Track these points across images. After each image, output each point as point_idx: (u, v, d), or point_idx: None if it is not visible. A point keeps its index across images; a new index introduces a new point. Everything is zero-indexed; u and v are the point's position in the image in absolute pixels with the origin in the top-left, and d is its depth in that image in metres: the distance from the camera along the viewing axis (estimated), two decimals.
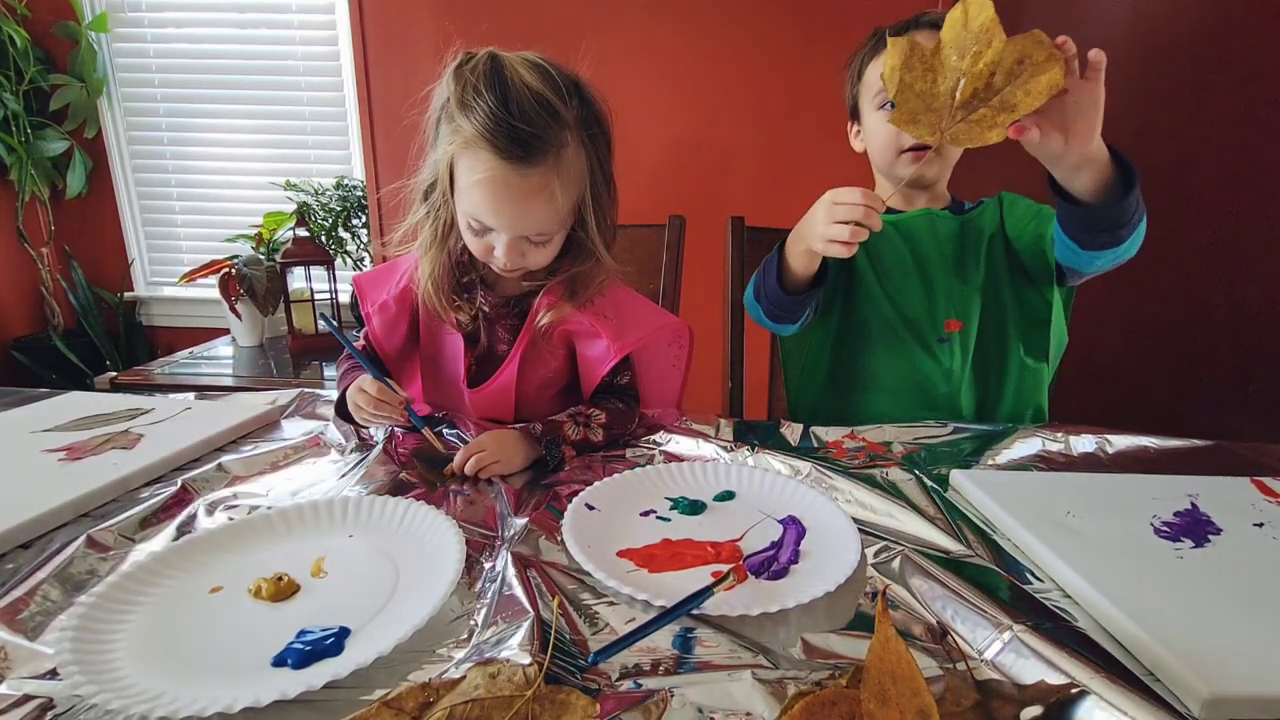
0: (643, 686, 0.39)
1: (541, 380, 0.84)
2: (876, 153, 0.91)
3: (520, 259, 0.73)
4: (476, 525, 0.58)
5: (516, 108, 0.65)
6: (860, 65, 0.92)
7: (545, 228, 0.72)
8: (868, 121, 0.92)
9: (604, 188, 0.76)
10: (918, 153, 0.86)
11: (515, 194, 0.68)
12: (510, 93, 0.65)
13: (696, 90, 1.62)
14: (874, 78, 0.88)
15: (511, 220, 0.70)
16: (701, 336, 0.96)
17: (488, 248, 0.73)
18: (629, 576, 0.50)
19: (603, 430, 0.77)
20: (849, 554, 0.51)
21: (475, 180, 0.68)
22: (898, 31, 0.85)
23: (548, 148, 0.67)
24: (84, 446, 0.70)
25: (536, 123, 0.66)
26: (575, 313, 0.79)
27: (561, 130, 0.68)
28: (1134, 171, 0.67)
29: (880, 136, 0.89)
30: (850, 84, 0.95)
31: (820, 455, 0.73)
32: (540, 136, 0.66)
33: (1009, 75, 0.57)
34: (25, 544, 0.54)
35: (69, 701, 0.37)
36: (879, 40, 0.89)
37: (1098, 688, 0.37)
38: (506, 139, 0.65)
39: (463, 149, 0.68)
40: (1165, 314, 1.52)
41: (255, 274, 1.77)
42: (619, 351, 0.79)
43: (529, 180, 0.67)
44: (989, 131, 0.59)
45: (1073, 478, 0.66)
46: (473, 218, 0.71)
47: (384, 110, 1.66)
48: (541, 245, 0.74)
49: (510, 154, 0.66)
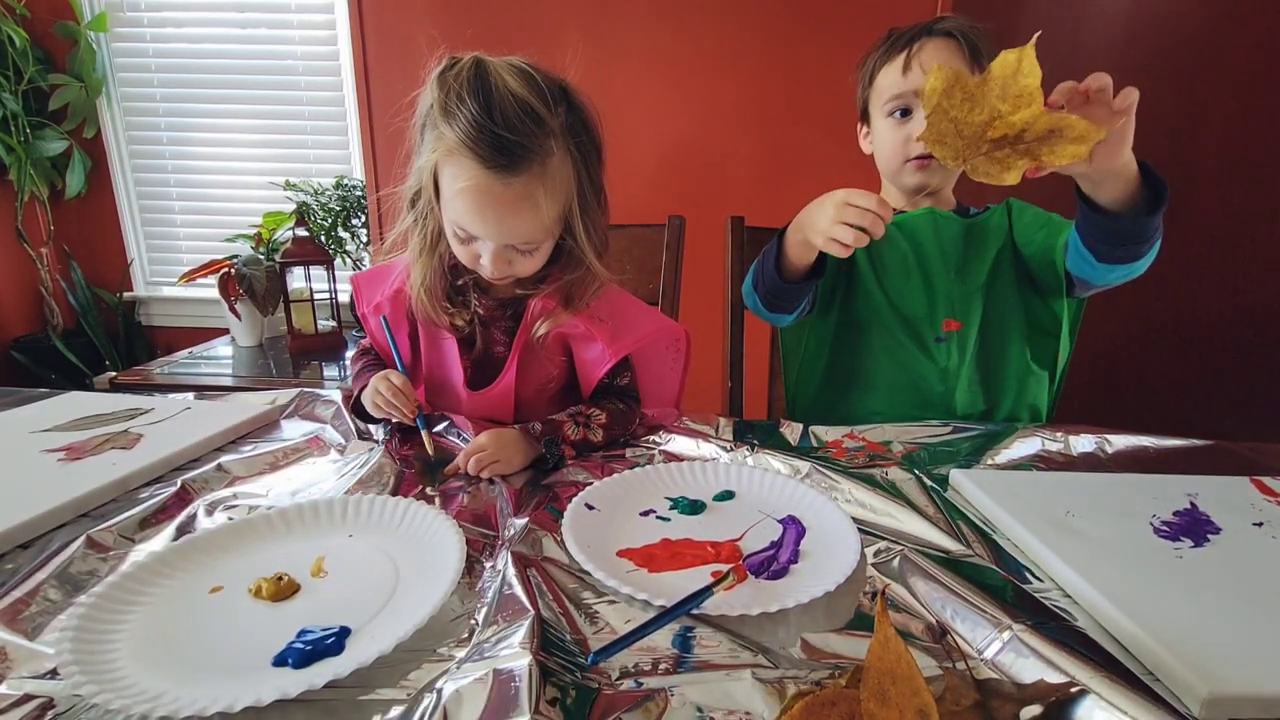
0: (643, 686, 0.39)
1: (540, 383, 0.84)
2: (883, 158, 0.91)
3: (507, 267, 0.73)
4: (476, 525, 0.58)
5: (500, 115, 0.64)
6: (873, 69, 0.91)
7: (531, 237, 0.71)
8: (877, 126, 0.91)
9: (592, 196, 0.75)
10: (923, 161, 0.86)
11: (499, 203, 0.67)
12: (494, 99, 0.64)
13: (696, 90, 1.62)
14: (886, 83, 0.88)
15: (497, 229, 0.69)
16: (701, 336, 0.96)
17: (474, 255, 0.73)
18: (629, 576, 0.50)
19: (602, 430, 0.77)
20: (849, 554, 0.51)
21: (459, 189, 0.67)
22: (913, 36, 0.85)
23: (532, 156, 0.66)
24: (83, 446, 0.70)
25: (520, 130, 0.65)
26: (571, 317, 0.78)
27: (546, 138, 0.67)
28: (1164, 189, 0.66)
29: (889, 143, 0.89)
30: (862, 87, 0.94)
31: (820, 455, 0.73)
32: (524, 145, 0.65)
33: (1040, 138, 0.58)
34: (25, 544, 0.54)
35: (69, 701, 0.37)
36: (892, 44, 0.88)
37: (1097, 687, 0.38)
38: (489, 147, 0.64)
39: (446, 157, 0.68)
40: (1165, 314, 1.52)
41: (255, 274, 1.77)
42: (615, 355, 0.79)
43: (512, 189, 0.66)
44: (1007, 172, 0.60)
45: (1072, 478, 0.67)
46: (458, 226, 0.70)
47: (384, 110, 1.66)
48: (529, 254, 0.73)
49: (493, 162, 0.65)
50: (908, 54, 0.84)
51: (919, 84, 0.82)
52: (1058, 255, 0.83)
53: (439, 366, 0.85)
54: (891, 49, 0.87)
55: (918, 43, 0.84)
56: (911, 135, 0.85)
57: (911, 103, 0.85)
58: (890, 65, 0.87)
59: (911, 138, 0.85)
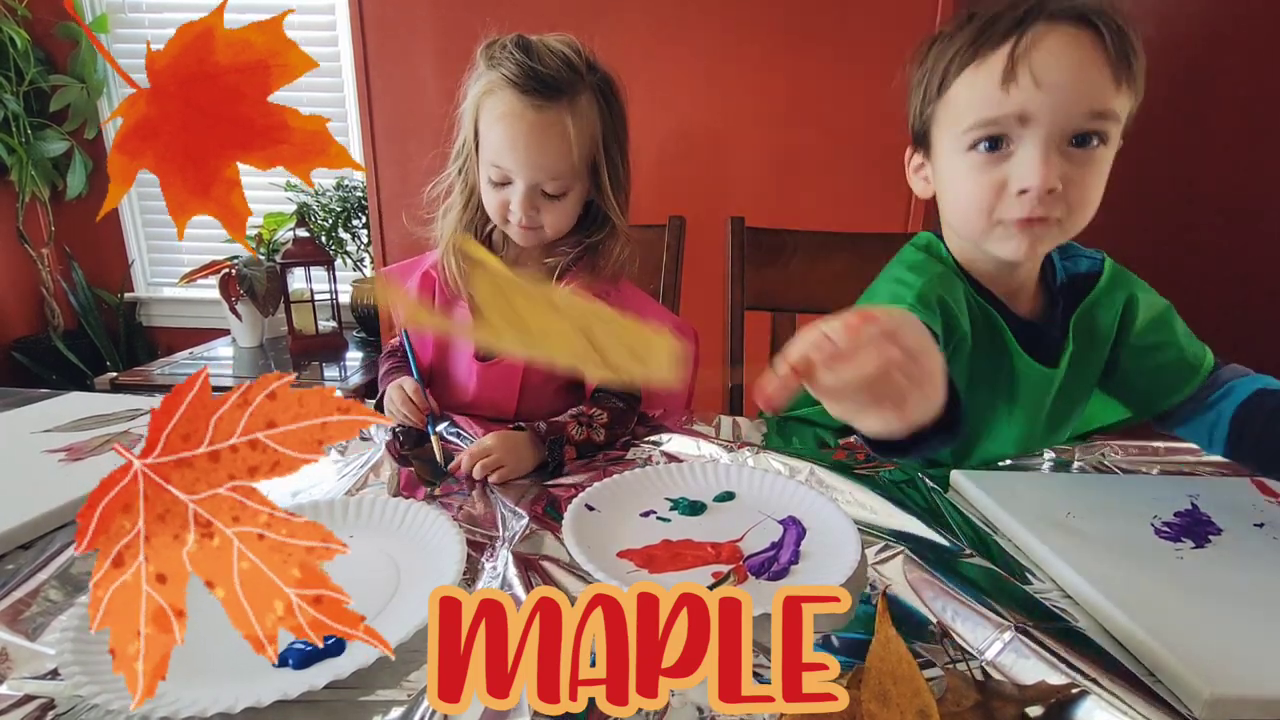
0: None
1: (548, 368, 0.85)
2: (961, 210, 0.64)
3: (535, 215, 0.77)
4: (476, 525, 0.58)
5: (537, 57, 0.72)
6: (945, 71, 0.62)
7: (558, 171, 0.76)
8: (948, 161, 0.64)
9: (617, 152, 0.81)
10: (1029, 223, 0.59)
11: (531, 128, 0.73)
12: (534, 50, 0.73)
13: (696, 91, 1.62)
14: (971, 97, 0.60)
15: (526, 158, 0.74)
16: (701, 336, 0.96)
17: (504, 203, 0.77)
18: (629, 577, 0.50)
19: (605, 431, 0.77)
20: (849, 554, 0.51)
21: (496, 117, 0.74)
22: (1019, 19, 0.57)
23: (563, 89, 0.73)
24: (84, 447, 0.70)
25: (554, 67, 0.73)
26: (594, 282, 0.81)
27: (578, 80, 0.75)
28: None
29: (971, 190, 0.61)
30: (918, 95, 0.66)
31: (820, 456, 0.73)
32: (556, 78, 0.73)
33: None
34: (26, 545, 0.54)
35: (70, 701, 0.37)
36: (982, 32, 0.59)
37: (1098, 688, 0.38)
38: (526, 77, 0.72)
39: (486, 95, 0.75)
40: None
41: (255, 274, 1.77)
42: None
43: (545, 115, 0.73)
44: None
45: (1073, 478, 0.66)
46: (493, 164, 0.76)
47: (384, 110, 1.66)
48: (556, 200, 0.78)
49: (528, 88, 0.72)
50: (1012, 53, 0.57)
51: (1032, 104, 0.57)
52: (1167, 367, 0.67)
53: (453, 341, 0.87)
54: (982, 42, 0.59)
55: (1029, 32, 0.56)
56: (1012, 180, 0.59)
57: (1011, 130, 0.58)
58: (980, 68, 0.59)
59: (1015, 184, 0.59)
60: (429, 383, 0.84)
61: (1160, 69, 0.91)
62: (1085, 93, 0.56)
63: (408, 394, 0.77)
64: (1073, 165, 0.58)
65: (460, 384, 0.87)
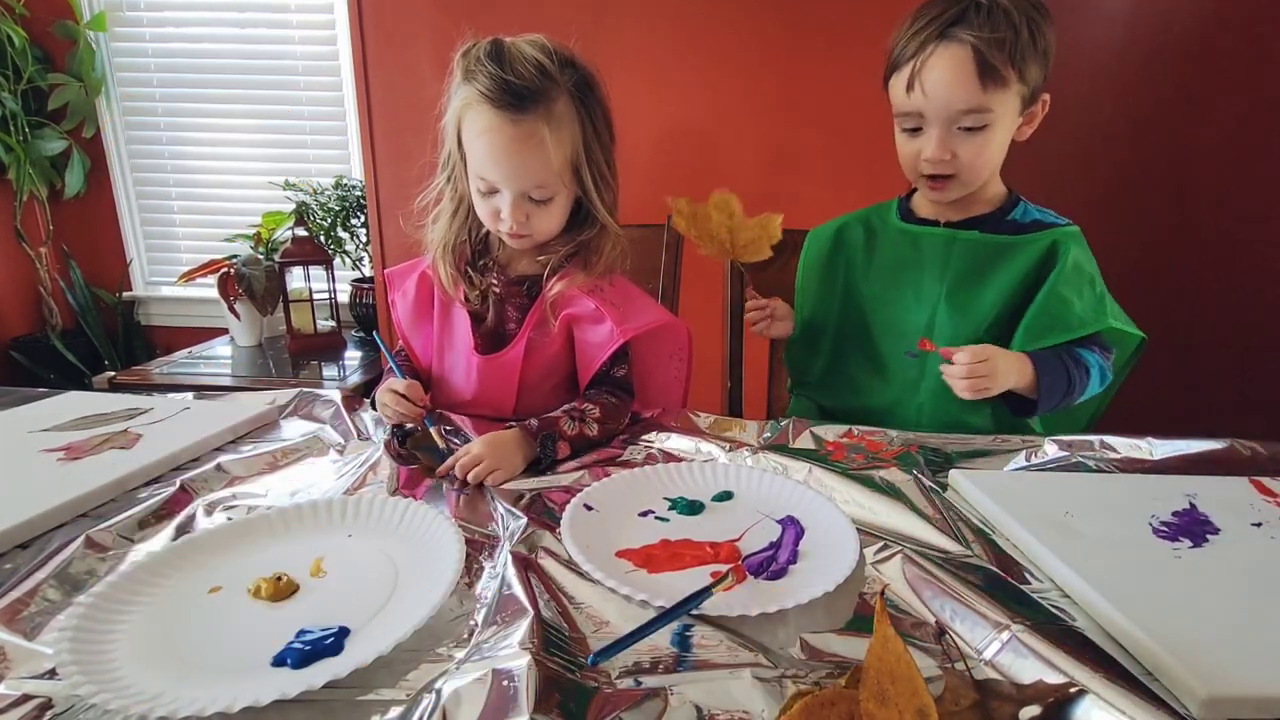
0: (642, 685, 0.39)
1: (546, 363, 0.86)
2: (902, 166, 0.88)
3: (526, 222, 0.78)
4: (476, 525, 0.58)
5: (510, 68, 0.73)
6: (887, 69, 0.85)
7: (541, 179, 0.76)
8: (897, 134, 0.86)
9: (599, 151, 0.80)
10: (936, 182, 0.83)
11: (510, 141, 0.74)
12: (506, 59, 0.73)
13: (694, 90, 1.62)
14: (894, 94, 0.83)
15: (509, 170, 0.75)
16: (701, 336, 0.96)
17: (495, 211, 0.79)
18: (628, 577, 0.50)
19: (598, 425, 0.77)
20: (848, 554, 0.51)
21: (476, 133, 0.75)
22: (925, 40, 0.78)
23: (538, 98, 0.73)
24: (82, 446, 0.70)
25: (527, 77, 0.73)
26: (583, 296, 0.82)
27: (552, 86, 0.74)
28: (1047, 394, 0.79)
29: (903, 155, 0.85)
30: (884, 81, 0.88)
31: (819, 456, 0.73)
32: (530, 88, 0.73)
33: None
34: (24, 544, 0.54)
35: (68, 701, 0.37)
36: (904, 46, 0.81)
37: (1096, 687, 0.38)
38: (500, 92, 0.72)
39: (465, 110, 0.76)
40: (1165, 314, 1.52)
41: (254, 274, 1.77)
42: (623, 334, 0.81)
43: (520, 127, 0.73)
44: None
45: (1072, 478, 0.67)
46: (479, 176, 0.77)
47: (383, 110, 1.66)
48: (544, 205, 0.78)
49: (502, 103, 0.72)
50: (912, 70, 0.79)
51: (924, 105, 0.79)
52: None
53: (448, 333, 0.88)
54: (899, 56, 0.81)
55: (925, 53, 0.78)
56: (921, 152, 0.82)
57: (919, 121, 0.81)
58: (899, 76, 0.81)
59: (921, 155, 0.82)
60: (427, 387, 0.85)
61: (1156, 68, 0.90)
62: (959, 96, 0.77)
63: (399, 393, 0.77)
64: (961, 141, 0.80)
65: (460, 383, 0.87)
